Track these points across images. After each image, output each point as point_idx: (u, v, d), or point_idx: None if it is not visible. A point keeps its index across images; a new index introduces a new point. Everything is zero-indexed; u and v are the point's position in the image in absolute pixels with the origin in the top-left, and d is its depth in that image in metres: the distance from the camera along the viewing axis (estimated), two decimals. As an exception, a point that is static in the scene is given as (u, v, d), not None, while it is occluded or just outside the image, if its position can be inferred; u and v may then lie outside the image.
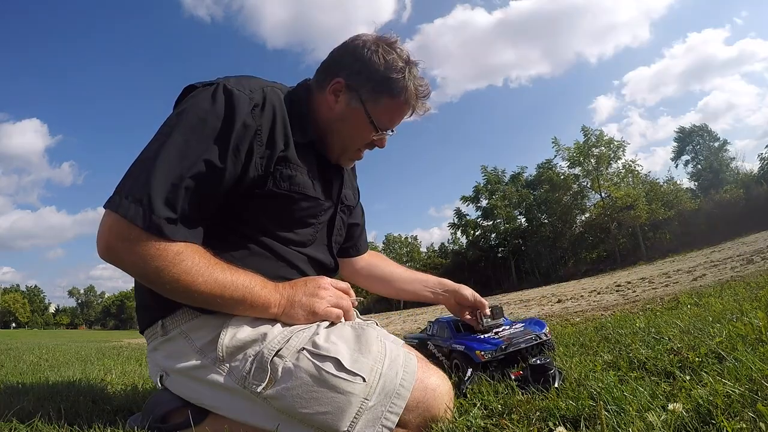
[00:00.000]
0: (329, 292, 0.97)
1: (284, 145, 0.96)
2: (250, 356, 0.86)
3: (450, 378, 0.98)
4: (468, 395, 1.04)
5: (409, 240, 47.88)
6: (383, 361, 0.86)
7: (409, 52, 1.05)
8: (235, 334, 0.88)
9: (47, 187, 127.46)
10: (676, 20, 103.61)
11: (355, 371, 0.83)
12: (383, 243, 47.13)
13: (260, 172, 0.93)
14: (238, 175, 0.91)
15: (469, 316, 1.43)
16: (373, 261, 1.45)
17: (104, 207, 0.85)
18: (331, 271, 1.14)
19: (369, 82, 1.02)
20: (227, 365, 0.87)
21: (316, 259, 1.08)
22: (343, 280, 1.13)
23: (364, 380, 0.82)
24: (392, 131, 1.11)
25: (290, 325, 0.92)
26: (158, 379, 0.96)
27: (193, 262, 0.85)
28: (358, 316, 1.10)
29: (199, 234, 0.90)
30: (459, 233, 39.67)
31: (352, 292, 1.03)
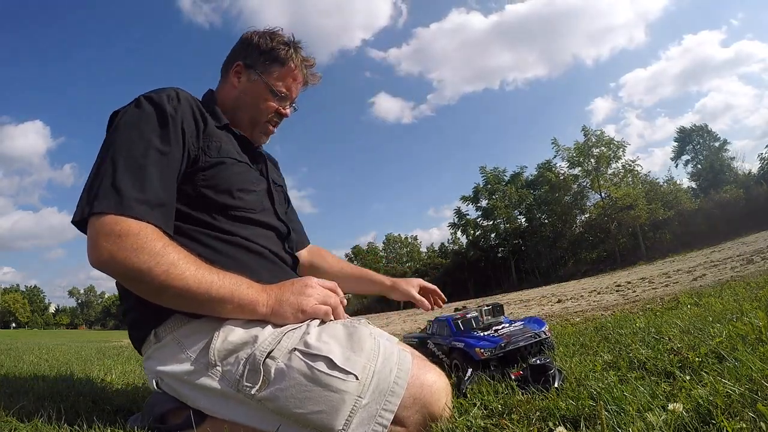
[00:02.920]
0: (316, 290, 0.98)
1: (204, 124, 1.06)
2: (242, 359, 0.86)
3: (450, 377, 0.98)
4: (468, 395, 1.04)
5: (410, 240, 47.88)
6: (376, 359, 0.86)
7: (293, 36, 1.26)
8: (227, 337, 0.89)
9: (48, 188, 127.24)
10: (672, 22, 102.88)
11: (347, 369, 0.83)
12: (383, 243, 47.15)
13: (195, 151, 1.02)
14: (182, 156, 0.98)
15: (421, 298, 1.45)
16: (313, 259, 1.53)
17: (73, 221, 0.89)
18: (285, 237, 1.20)
19: (260, 57, 1.21)
20: (219, 369, 0.87)
21: (269, 224, 1.13)
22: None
23: (356, 378, 0.82)
24: (294, 106, 1.29)
25: (281, 326, 0.92)
26: (154, 384, 0.95)
27: (179, 256, 0.87)
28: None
29: (170, 221, 0.94)
30: (459, 233, 39.67)
31: (339, 290, 1.04)
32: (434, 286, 1.51)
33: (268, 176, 1.23)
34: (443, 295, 1.52)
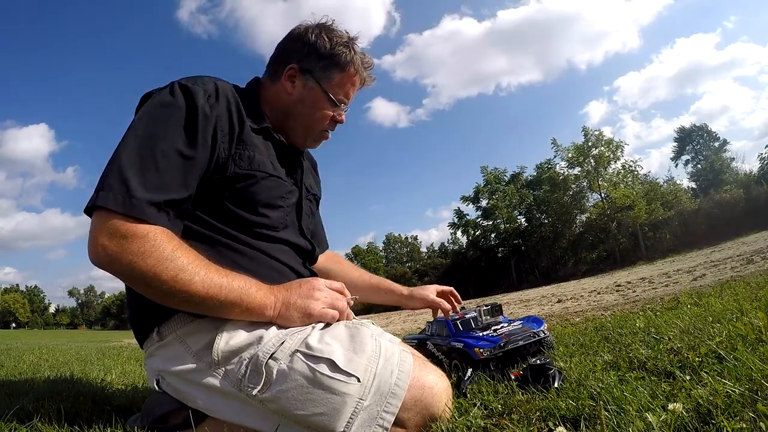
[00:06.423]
0: (324, 293, 0.96)
1: (240, 128, 1.00)
2: (245, 359, 0.86)
3: (450, 378, 0.98)
4: (468, 395, 1.04)
5: (410, 240, 47.88)
6: (378, 361, 0.86)
7: (348, 32, 1.14)
8: (231, 338, 0.88)
9: (51, 190, 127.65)
10: (666, 26, 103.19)
11: (349, 371, 0.82)
12: (383, 243, 47.15)
13: (224, 157, 0.96)
14: (208, 161, 0.93)
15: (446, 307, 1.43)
16: (329, 264, 1.47)
17: (86, 211, 0.85)
18: (309, 255, 1.16)
19: (319, 61, 1.10)
20: (222, 369, 0.87)
21: (291, 242, 1.08)
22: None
23: (358, 380, 0.82)
24: (346, 106, 1.17)
25: (285, 328, 0.91)
26: (155, 383, 0.95)
27: (189, 260, 0.84)
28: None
29: (179, 224, 0.92)
30: (459, 233, 39.65)
31: (347, 291, 1.02)
32: (450, 288, 1.50)
33: (302, 185, 1.16)
34: (458, 295, 1.50)
